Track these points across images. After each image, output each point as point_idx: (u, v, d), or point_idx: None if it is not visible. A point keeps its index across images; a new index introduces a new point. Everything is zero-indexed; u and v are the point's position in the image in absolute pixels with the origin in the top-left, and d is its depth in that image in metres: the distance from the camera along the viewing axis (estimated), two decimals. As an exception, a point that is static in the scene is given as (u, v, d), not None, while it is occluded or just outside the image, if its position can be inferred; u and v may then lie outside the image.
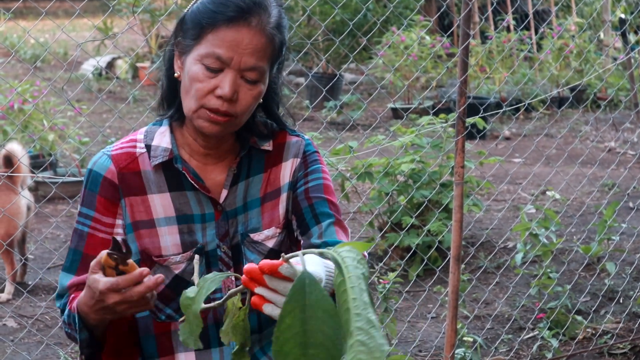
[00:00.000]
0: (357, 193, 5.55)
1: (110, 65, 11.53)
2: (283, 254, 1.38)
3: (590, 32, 10.10)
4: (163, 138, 1.86)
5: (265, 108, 1.90)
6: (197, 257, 1.63)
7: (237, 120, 1.78)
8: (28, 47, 13.09)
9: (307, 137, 1.97)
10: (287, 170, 1.92)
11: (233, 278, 1.85)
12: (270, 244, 1.89)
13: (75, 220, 1.85)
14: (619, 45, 9.96)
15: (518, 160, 7.29)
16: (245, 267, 1.45)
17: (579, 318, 4.31)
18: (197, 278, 1.52)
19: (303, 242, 1.88)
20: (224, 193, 1.86)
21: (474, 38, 9.89)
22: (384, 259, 5.09)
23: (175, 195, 1.84)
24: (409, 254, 4.50)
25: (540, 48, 10.38)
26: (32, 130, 6.59)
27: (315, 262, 1.50)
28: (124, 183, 1.83)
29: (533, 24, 10.00)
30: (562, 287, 4.37)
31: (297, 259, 1.37)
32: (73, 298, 1.78)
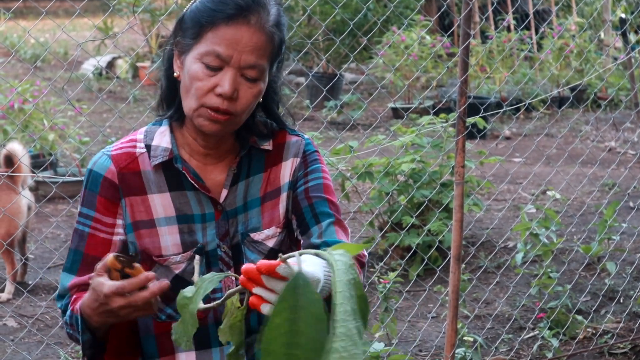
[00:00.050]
0: (357, 193, 5.55)
1: (111, 65, 11.53)
2: (280, 254, 1.38)
3: (591, 31, 10.09)
4: (163, 138, 1.85)
5: (265, 107, 1.90)
6: (197, 257, 1.63)
7: (237, 119, 1.78)
8: (28, 46, 13.09)
9: (307, 136, 1.96)
10: (287, 170, 1.92)
11: (233, 278, 1.85)
12: (271, 244, 1.89)
13: (76, 221, 1.85)
14: (620, 45, 9.95)
15: (518, 160, 7.29)
16: (243, 267, 1.45)
17: (580, 318, 4.31)
18: (197, 278, 1.52)
19: (303, 241, 1.88)
20: (224, 193, 1.86)
21: (475, 38, 9.89)
22: (385, 259, 5.09)
23: (176, 195, 1.84)
24: (410, 254, 4.50)
25: (541, 48, 10.38)
26: (32, 130, 6.58)
27: (314, 262, 1.50)
28: (124, 183, 1.83)
29: (533, 24, 9.99)
30: (562, 286, 4.37)
31: (295, 259, 1.37)
32: (75, 299, 1.78)
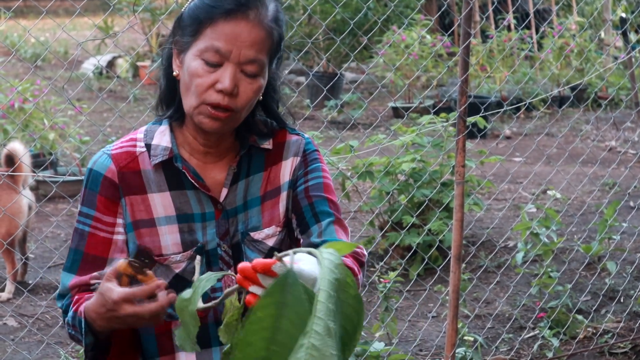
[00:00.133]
0: (357, 192, 5.55)
1: (111, 64, 11.53)
2: (276, 253, 1.38)
3: (591, 31, 10.09)
4: (163, 137, 1.85)
5: (265, 106, 1.90)
6: (198, 257, 1.62)
7: (237, 115, 1.78)
8: (28, 46, 13.09)
9: (307, 135, 1.96)
10: (287, 169, 1.91)
11: (232, 277, 1.84)
12: (271, 243, 1.89)
13: (76, 220, 1.85)
14: (620, 45, 9.96)
15: (519, 160, 7.28)
16: (239, 265, 1.45)
17: (580, 317, 4.31)
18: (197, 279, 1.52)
19: (303, 240, 1.88)
20: (224, 192, 1.86)
21: (475, 37, 9.89)
22: (385, 258, 5.09)
23: (176, 194, 1.84)
24: (410, 253, 4.50)
25: (541, 47, 10.38)
26: (32, 129, 6.58)
27: (312, 261, 1.50)
28: (124, 182, 1.83)
29: (534, 23, 10.00)
30: (562, 286, 4.37)
31: (290, 257, 1.38)
32: (77, 300, 1.78)
